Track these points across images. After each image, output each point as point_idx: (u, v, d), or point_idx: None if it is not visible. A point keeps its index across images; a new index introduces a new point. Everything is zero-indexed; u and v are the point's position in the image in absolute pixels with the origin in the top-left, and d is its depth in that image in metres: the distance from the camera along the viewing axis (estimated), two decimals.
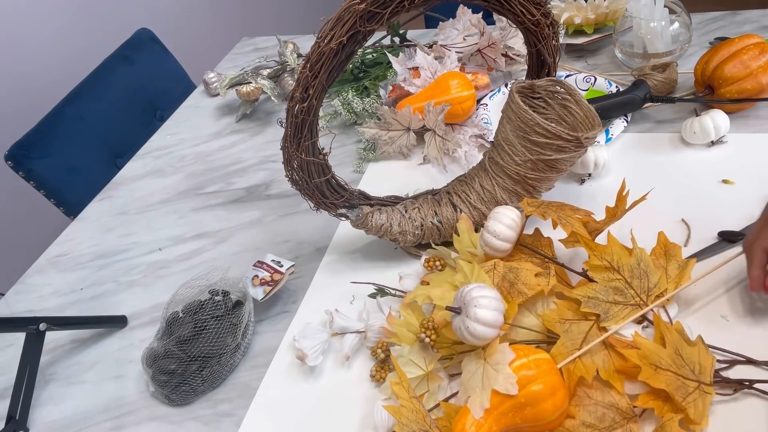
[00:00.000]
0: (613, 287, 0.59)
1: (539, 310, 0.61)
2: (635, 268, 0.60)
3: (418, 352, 0.59)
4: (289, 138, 0.66)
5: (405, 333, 0.62)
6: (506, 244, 0.63)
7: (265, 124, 1.15)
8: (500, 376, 0.50)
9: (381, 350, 0.64)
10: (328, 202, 0.73)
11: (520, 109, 0.67)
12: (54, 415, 0.71)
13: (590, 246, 0.61)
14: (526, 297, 0.59)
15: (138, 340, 0.77)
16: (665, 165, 0.82)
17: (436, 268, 0.69)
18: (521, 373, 0.50)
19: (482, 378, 0.51)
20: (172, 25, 1.99)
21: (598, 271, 0.60)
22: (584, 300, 0.58)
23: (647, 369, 0.51)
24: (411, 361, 0.59)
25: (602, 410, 0.53)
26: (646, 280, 0.59)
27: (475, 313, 0.51)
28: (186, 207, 0.99)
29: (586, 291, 0.59)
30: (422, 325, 0.58)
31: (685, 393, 0.51)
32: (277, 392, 0.67)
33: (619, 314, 0.57)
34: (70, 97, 1.34)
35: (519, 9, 0.67)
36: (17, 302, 0.88)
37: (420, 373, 0.58)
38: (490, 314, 0.51)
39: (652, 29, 0.95)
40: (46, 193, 1.27)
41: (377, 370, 0.64)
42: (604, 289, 0.59)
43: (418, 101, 0.95)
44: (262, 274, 0.74)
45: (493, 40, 1.01)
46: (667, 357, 0.52)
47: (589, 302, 0.58)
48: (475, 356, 0.54)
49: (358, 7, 0.58)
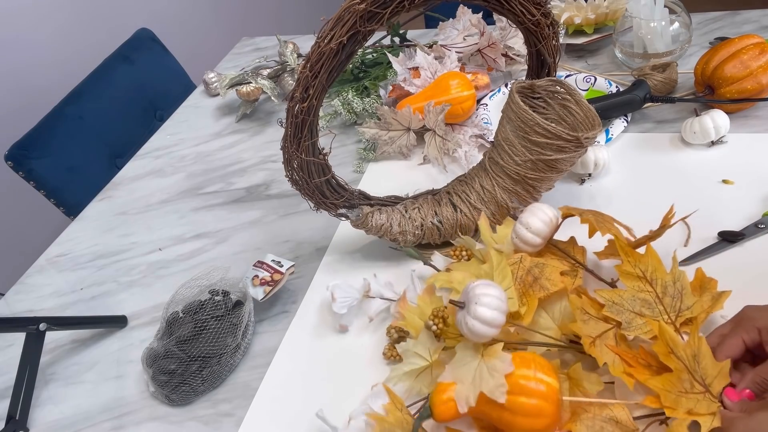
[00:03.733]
0: (641, 298, 0.57)
1: (557, 314, 0.59)
2: (670, 286, 0.57)
3: (425, 341, 0.58)
4: (289, 138, 0.66)
5: (415, 320, 0.61)
6: (537, 238, 0.61)
7: (265, 124, 1.15)
8: (493, 381, 0.50)
9: (395, 330, 0.64)
10: (328, 202, 0.73)
11: (520, 109, 0.67)
12: (54, 415, 0.71)
13: (626, 251, 0.58)
14: (548, 292, 0.57)
15: (138, 340, 0.77)
16: (665, 165, 0.82)
17: (463, 258, 0.67)
18: (520, 381, 0.50)
19: (474, 374, 0.51)
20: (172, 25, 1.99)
21: (629, 279, 0.57)
22: (608, 304, 0.56)
23: (662, 346, 0.50)
24: (416, 353, 0.58)
25: (600, 423, 0.51)
26: (679, 300, 0.56)
27: (475, 310, 0.51)
28: (186, 207, 0.99)
29: (611, 295, 0.56)
30: (433, 313, 0.57)
31: (690, 388, 0.49)
32: (277, 392, 0.67)
33: (642, 327, 0.55)
34: (70, 97, 1.35)
35: (519, 9, 0.67)
36: (17, 302, 0.88)
37: (424, 364, 0.58)
38: (490, 313, 0.51)
39: (652, 29, 0.95)
40: (46, 193, 1.27)
41: (389, 349, 0.64)
42: (631, 298, 0.57)
43: (418, 101, 0.95)
44: (262, 274, 0.74)
45: (493, 40, 1.01)
46: (684, 351, 0.50)
47: (613, 307, 0.56)
48: (473, 348, 0.53)
49: (358, 7, 0.58)
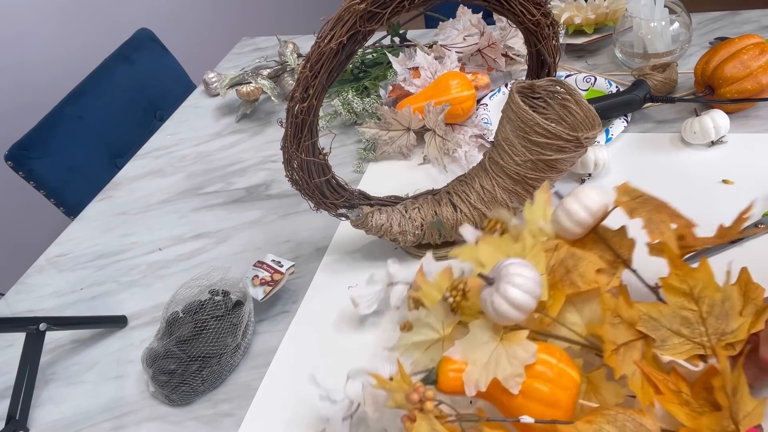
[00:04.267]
0: (682, 316, 0.51)
1: (587, 312, 0.54)
2: (717, 306, 0.51)
3: (438, 313, 0.55)
4: (289, 138, 0.66)
5: (432, 293, 0.58)
6: (576, 227, 0.56)
7: (265, 124, 1.15)
8: (510, 370, 0.47)
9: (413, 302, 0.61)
10: (328, 202, 0.73)
11: (520, 109, 0.67)
12: (54, 415, 0.71)
13: (675, 263, 0.52)
14: (577, 290, 0.53)
15: (138, 340, 0.77)
16: (665, 165, 0.82)
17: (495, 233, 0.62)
18: (541, 367, 0.47)
19: (490, 357, 0.48)
20: (172, 25, 1.99)
21: (673, 294, 0.52)
22: (644, 319, 0.51)
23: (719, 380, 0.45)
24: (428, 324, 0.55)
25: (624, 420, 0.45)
26: (724, 322, 0.50)
27: (505, 289, 0.47)
28: (186, 207, 0.99)
29: (650, 309, 0.52)
30: (453, 284, 0.53)
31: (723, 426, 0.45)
32: (277, 392, 0.67)
33: (678, 347, 0.50)
34: (70, 97, 1.35)
35: (519, 9, 0.67)
36: (17, 302, 0.88)
37: (435, 336, 0.54)
38: (521, 296, 0.47)
39: (652, 29, 0.95)
40: (46, 193, 1.27)
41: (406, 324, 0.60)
42: (671, 315, 0.51)
43: (418, 101, 0.95)
44: (262, 274, 0.74)
45: (493, 40, 1.01)
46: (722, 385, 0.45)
47: (648, 322, 0.51)
48: (493, 329, 0.50)
49: (358, 7, 0.58)
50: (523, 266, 0.49)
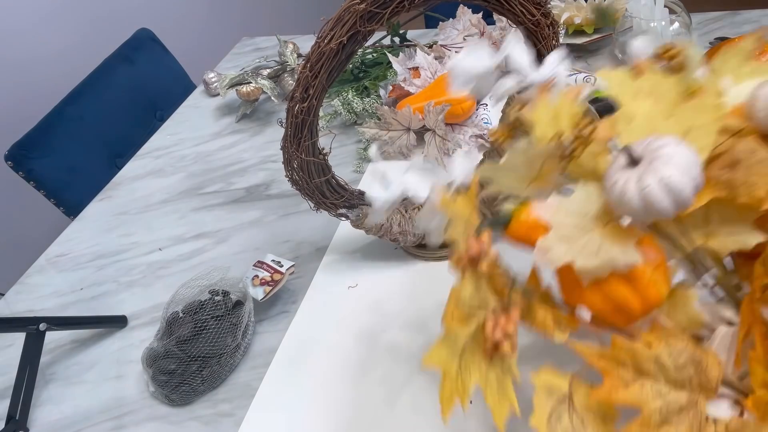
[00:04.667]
0: None
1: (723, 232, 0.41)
2: None
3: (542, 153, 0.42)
4: (289, 138, 0.66)
5: (544, 121, 0.44)
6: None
7: (265, 124, 1.15)
8: (595, 263, 0.37)
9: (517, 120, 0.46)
10: (328, 202, 0.73)
11: None
12: (54, 415, 0.71)
13: None
14: (732, 198, 0.38)
15: (138, 340, 0.77)
16: None
17: (663, 68, 0.45)
18: None
19: (582, 238, 0.38)
20: (172, 25, 1.99)
21: None
22: None
23: None
24: (527, 160, 0.44)
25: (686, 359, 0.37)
26: None
27: (662, 169, 0.36)
28: (186, 207, 0.99)
29: None
30: (576, 123, 0.40)
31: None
32: (277, 392, 0.67)
33: None
34: (70, 97, 1.34)
35: (519, 9, 0.67)
36: (17, 302, 0.88)
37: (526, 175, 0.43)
38: (682, 181, 0.36)
39: (652, 29, 0.95)
40: (46, 193, 1.27)
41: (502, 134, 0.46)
42: None
43: (418, 101, 0.95)
44: (262, 274, 0.74)
45: (493, 40, 1.00)
46: None
47: None
48: (603, 207, 0.39)
49: (358, 7, 0.58)
50: (681, 146, 0.37)
